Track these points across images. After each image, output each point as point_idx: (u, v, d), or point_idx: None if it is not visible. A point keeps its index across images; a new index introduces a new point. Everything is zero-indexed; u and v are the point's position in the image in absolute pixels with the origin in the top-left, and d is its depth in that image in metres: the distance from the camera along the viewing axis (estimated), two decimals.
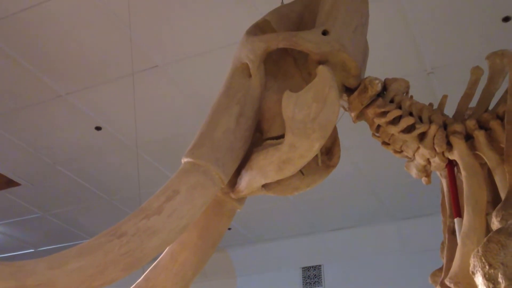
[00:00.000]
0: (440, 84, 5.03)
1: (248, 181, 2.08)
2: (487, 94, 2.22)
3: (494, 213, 1.67)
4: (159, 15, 4.51)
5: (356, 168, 6.35)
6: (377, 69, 2.82)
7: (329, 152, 2.24)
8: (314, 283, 7.79)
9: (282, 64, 2.27)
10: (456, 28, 4.62)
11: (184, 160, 2.00)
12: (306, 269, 7.89)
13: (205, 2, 4.40)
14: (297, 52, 2.23)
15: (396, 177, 6.28)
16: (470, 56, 4.68)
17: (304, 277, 7.86)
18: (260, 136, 2.18)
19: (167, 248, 2.05)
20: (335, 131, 2.25)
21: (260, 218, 7.45)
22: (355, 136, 5.08)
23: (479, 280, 1.66)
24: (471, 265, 1.69)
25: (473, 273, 1.69)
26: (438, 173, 2.26)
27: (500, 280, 1.58)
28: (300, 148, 1.99)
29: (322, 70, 2.06)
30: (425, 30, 4.63)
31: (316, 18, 2.22)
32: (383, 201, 7.04)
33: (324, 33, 2.13)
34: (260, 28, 2.24)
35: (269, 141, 2.12)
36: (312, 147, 2.00)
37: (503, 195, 1.85)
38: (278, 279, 7.91)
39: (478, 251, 1.66)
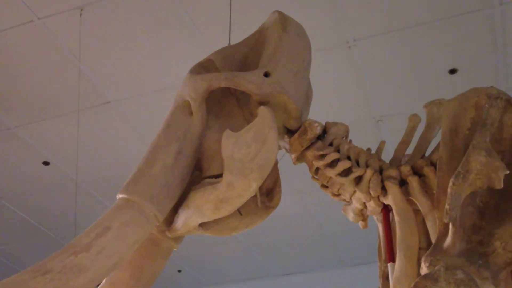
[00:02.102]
0: (388, 132, 5.14)
1: (185, 219, 2.05)
2: (424, 141, 2.27)
3: (423, 259, 1.69)
4: (114, 51, 4.50)
5: (307, 212, 6.36)
6: (328, 115, 2.86)
7: (270, 193, 2.24)
8: None
9: (225, 103, 2.28)
10: (405, 79, 4.76)
11: (119, 196, 1.96)
12: None
13: (160, 40, 4.42)
14: (240, 93, 2.24)
15: (346, 222, 6.31)
16: (418, 106, 4.75)
17: None
18: (199, 174, 2.17)
19: (96, 287, 1.98)
20: (276, 172, 2.25)
21: (212, 261, 7.34)
22: (306, 179, 5.11)
23: None
24: None
25: None
26: (374, 217, 2.28)
27: None
28: (238, 187, 1.98)
29: (262, 111, 2.08)
30: (375, 80, 4.75)
31: (259, 60, 2.25)
32: (334, 246, 7.05)
33: (266, 74, 2.16)
34: (203, 67, 2.25)
35: (207, 180, 2.10)
36: (250, 187, 1.99)
37: (434, 241, 1.87)
38: None
39: None
